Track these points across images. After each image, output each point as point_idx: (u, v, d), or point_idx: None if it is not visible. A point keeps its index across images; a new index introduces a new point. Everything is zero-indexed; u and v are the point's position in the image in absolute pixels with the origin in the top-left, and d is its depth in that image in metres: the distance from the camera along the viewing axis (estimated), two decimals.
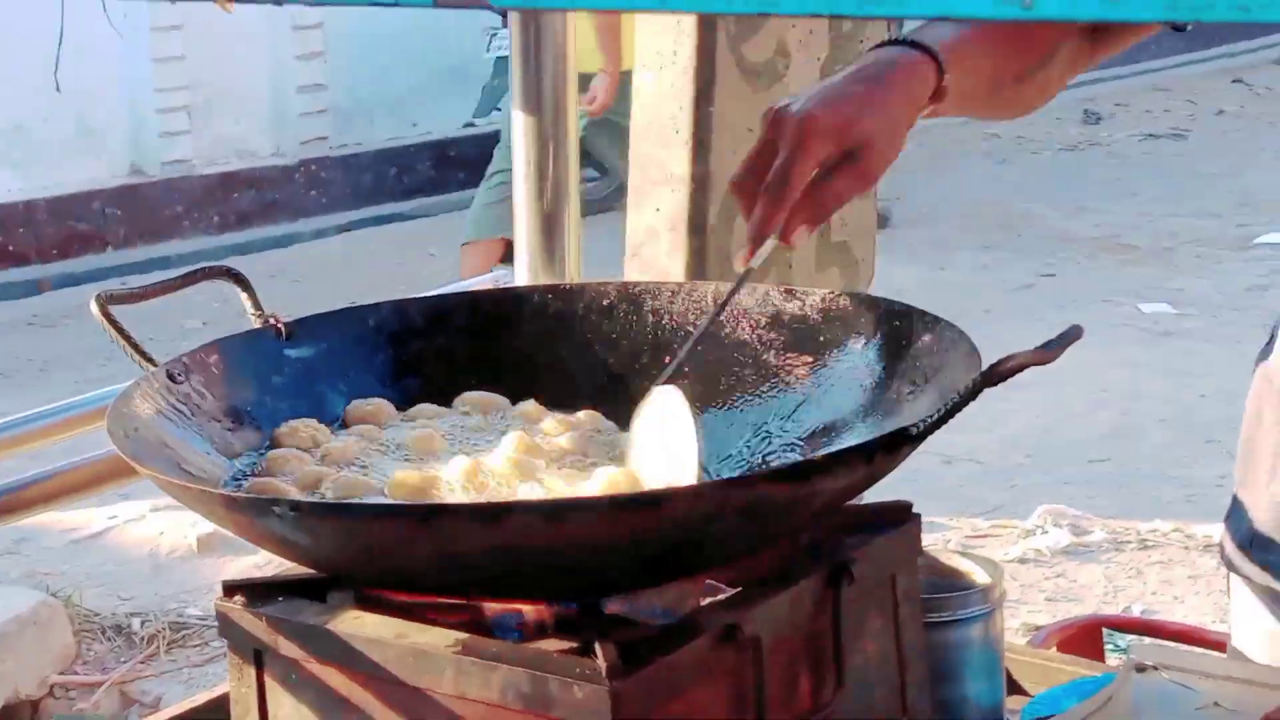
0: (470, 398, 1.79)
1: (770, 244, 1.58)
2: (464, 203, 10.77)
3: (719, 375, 1.80)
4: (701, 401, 1.74)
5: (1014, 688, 1.90)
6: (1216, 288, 8.36)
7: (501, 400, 1.79)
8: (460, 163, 11.17)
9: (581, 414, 1.76)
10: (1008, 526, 5.45)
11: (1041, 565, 5.18)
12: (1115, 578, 5.11)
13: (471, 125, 11.17)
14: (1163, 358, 7.18)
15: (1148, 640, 2.56)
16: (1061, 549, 5.27)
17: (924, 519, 1.64)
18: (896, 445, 1.41)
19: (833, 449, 1.60)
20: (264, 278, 1.91)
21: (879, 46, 1.65)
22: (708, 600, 1.54)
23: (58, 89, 5.63)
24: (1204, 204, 10.07)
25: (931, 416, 1.41)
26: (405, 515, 1.40)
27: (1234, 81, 13.36)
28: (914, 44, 1.62)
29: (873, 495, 1.62)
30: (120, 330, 1.69)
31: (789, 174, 1.53)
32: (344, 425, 1.75)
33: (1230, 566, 1.79)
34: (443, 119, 11.26)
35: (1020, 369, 1.40)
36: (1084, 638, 2.51)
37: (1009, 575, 5.03)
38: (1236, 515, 1.80)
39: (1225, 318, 7.77)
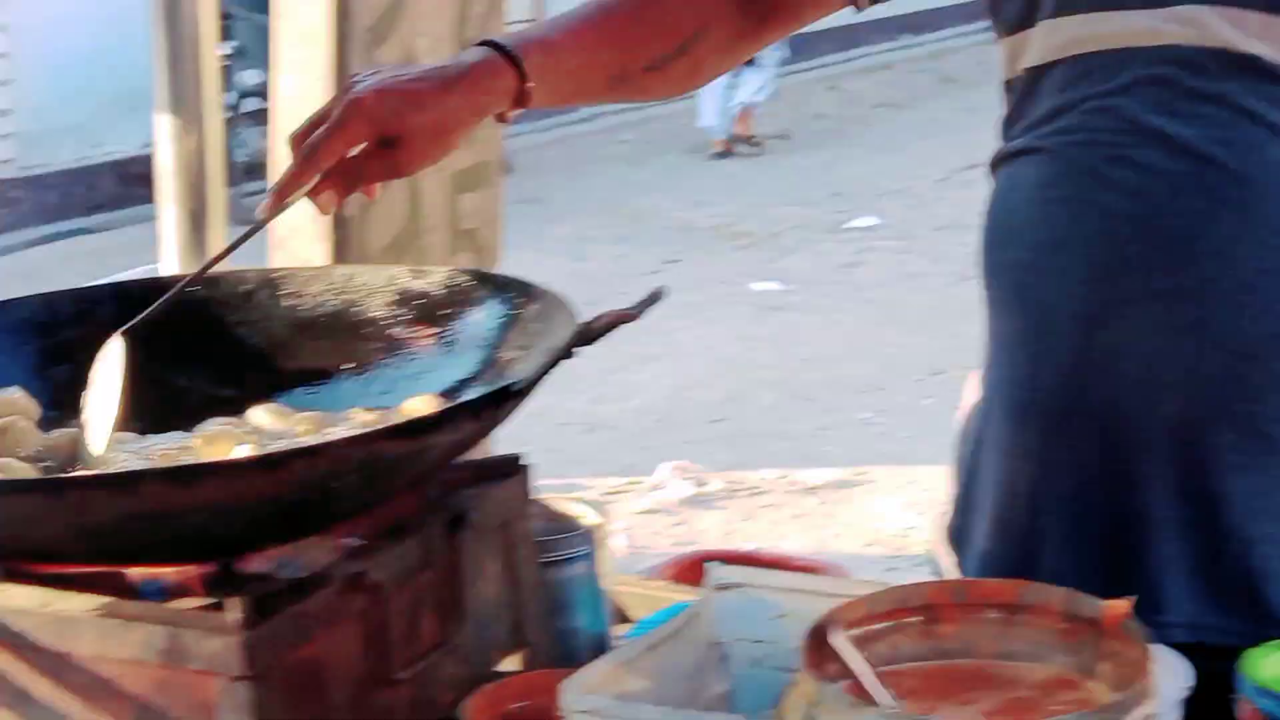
0: None
1: (299, 201, 1.45)
2: (146, 216, 10.45)
3: (353, 346, 1.74)
4: (337, 367, 1.70)
5: (623, 616, 1.89)
6: (815, 266, 8.60)
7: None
8: (142, 179, 10.77)
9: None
10: (638, 483, 5.51)
11: (667, 515, 5.24)
12: (731, 521, 5.21)
13: (151, 145, 10.81)
14: (771, 329, 7.35)
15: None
16: (684, 500, 5.35)
17: (567, 479, 1.63)
18: (500, 401, 1.38)
19: (443, 407, 1.56)
20: None
21: (477, 44, 1.56)
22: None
23: None
24: (805, 194, 10.34)
25: (532, 374, 1.38)
26: (38, 489, 1.32)
27: (829, 89, 13.74)
28: (498, 46, 1.49)
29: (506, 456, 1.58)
30: None
31: (321, 146, 1.42)
32: None
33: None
34: (126, 139, 10.86)
35: (610, 326, 1.39)
36: (691, 571, 2.53)
37: (639, 525, 5.14)
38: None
39: (823, 291, 7.99)
